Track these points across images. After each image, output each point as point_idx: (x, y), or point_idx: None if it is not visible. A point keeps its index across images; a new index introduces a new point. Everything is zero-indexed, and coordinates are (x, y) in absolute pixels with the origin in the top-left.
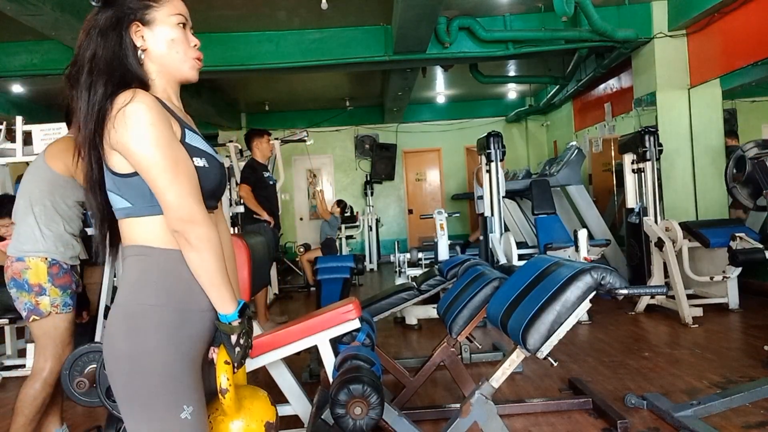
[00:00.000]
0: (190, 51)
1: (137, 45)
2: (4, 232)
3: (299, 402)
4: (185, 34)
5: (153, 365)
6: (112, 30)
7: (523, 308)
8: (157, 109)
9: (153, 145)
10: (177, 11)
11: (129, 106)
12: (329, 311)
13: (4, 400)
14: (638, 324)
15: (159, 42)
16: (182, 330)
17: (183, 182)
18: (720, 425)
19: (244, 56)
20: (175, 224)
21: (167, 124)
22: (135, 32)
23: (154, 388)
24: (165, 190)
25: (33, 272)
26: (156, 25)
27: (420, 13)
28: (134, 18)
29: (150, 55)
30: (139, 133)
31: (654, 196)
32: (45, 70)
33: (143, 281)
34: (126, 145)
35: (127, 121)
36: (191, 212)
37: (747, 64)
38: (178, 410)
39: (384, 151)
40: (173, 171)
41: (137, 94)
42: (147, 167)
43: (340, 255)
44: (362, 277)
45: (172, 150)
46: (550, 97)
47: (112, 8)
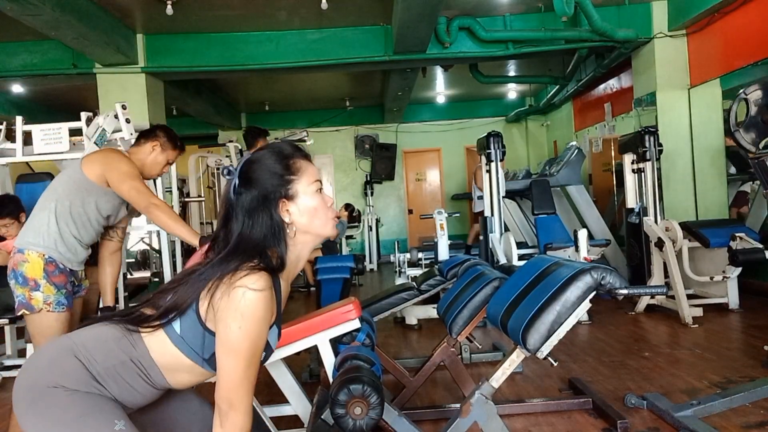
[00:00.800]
0: (330, 212)
1: (285, 221)
2: (5, 232)
3: (299, 402)
4: (323, 198)
5: (70, 396)
6: (260, 210)
7: (523, 308)
8: (269, 306)
9: (247, 337)
10: (314, 178)
11: (252, 293)
12: (329, 311)
13: (4, 400)
14: (638, 324)
15: (303, 213)
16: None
17: (250, 374)
18: (720, 425)
19: (244, 56)
20: (221, 402)
21: (268, 320)
22: (282, 210)
23: (79, 411)
24: (231, 373)
25: (30, 266)
26: (298, 197)
27: (420, 13)
28: (280, 195)
29: (294, 228)
30: (243, 323)
31: (654, 196)
32: (45, 70)
33: (104, 365)
34: (225, 320)
35: (241, 305)
36: (241, 402)
37: (747, 64)
38: (111, 424)
39: (384, 151)
40: (248, 363)
41: (264, 285)
42: (229, 350)
43: (340, 255)
44: (362, 277)
45: (258, 345)
46: (550, 97)
47: (254, 187)
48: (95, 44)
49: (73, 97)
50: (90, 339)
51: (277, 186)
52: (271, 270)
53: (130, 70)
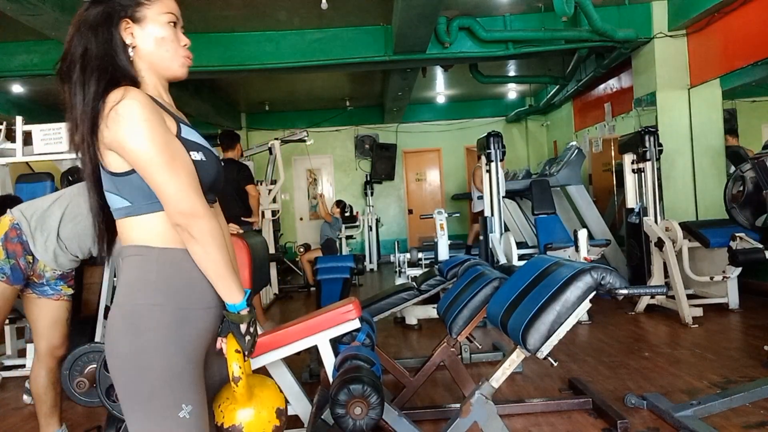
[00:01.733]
0: (180, 50)
1: (127, 42)
2: None
3: (299, 402)
4: (176, 32)
5: (153, 364)
6: (102, 26)
7: (523, 308)
8: (149, 105)
9: (148, 141)
10: (168, 10)
11: (121, 103)
12: (329, 311)
13: (4, 400)
14: (638, 324)
15: (148, 40)
16: (183, 329)
17: (182, 176)
18: (720, 425)
19: (244, 56)
20: (176, 218)
21: (161, 120)
22: (125, 29)
23: (153, 388)
24: (164, 184)
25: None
26: (146, 23)
27: (420, 13)
28: (124, 15)
29: (139, 52)
30: (134, 130)
31: (654, 196)
32: (45, 70)
33: (143, 281)
34: (121, 143)
35: (120, 119)
36: (192, 205)
37: (747, 64)
38: (177, 409)
39: (384, 151)
40: (171, 165)
41: (128, 91)
42: (144, 163)
43: (340, 255)
44: (362, 277)
45: (167, 145)
46: (550, 97)
47: (102, 4)
48: None
49: None
50: (123, 290)
51: (125, 6)
52: (124, 85)
53: None
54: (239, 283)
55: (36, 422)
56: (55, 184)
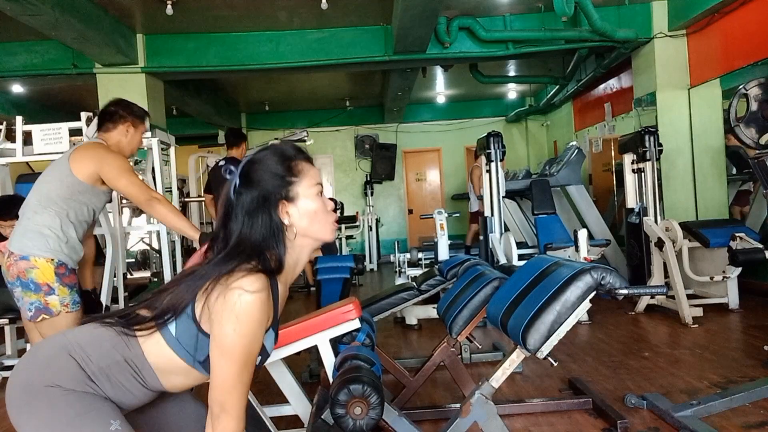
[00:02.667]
0: (330, 216)
1: (285, 223)
2: (9, 233)
3: (299, 402)
4: (324, 201)
5: (66, 396)
6: (260, 211)
7: (523, 308)
8: (266, 309)
9: (242, 340)
10: (315, 181)
11: (248, 296)
12: (329, 311)
13: (4, 400)
14: (638, 324)
15: (303, 216)
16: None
17: (244, 378)
18: (720, 425)
19: (244, 56)
20: (213, 405)
21: (264, 324)
22: (282, 211)
23: (75, 411)
24: (224, 376)
25: (39, 272)
26: (299, 200)
27: (420, 13)
28: (281, 197)
29: (294, 229)
30: (238, 325)
31: (654, 196)
32: (45, 70)
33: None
34: (220, 322)
35: (236, 307)
36: (233, 406)
37: (747, 64)
38: (107, 425)
39: (384, 151)
40: (242, 367)
41: (261, 286)
42: (223, 352)
43: (340, 255)
44: (362, 277)
45: (253, 348)
46: (550, 97)
47: (256, 188)
48: (95, 44)
49: (73, 97)
50: (85, 337)
51: (278, 187)
52: (268, 272)
53: (130, 70)
54: None
55: None
56: None
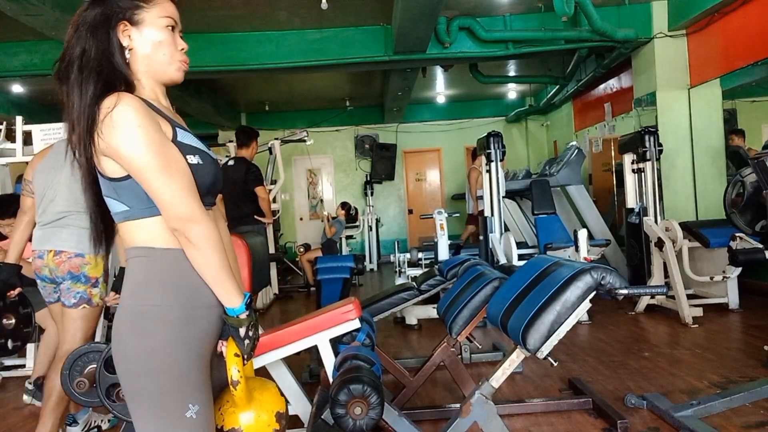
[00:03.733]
0: (177, 54)
1: (124, 44)
2: (8, 232)
3: (299, 402)
4: (173, 36)
5: (160, 364)
6: (100, 27)
7: (523, 308)
8: (143, 110)
9: (143, 146)
10: (166, 14)
11: (115, 110)
12: (329, 311)
13: (4, 400)
14: (638, 324)
15: (146, 43)
16: (189, 328)
17: (178, 181)
18: (720, 425)
19: (244, 56)
20: (174, 223)
21: (156, 125)
22: (122, 31)
23: (160, 387)
24: (160, 190)
25: (92, 267)
26: (144, 26)
27: (420, 13)
28: (123, 17)
29: (136, 55)
30: (128, 137)
31: (654, 196)
32: (45, 70)
33: (148, 282)
34: (116, 150)
35: (115, 126)
36: (189, 210)
37: (747, 64)
38: (184, 409)
39: (384, 151)
40: (166, 170)
41: (122, 97)
42: (139, 169)
43: (340, 255)
44: (362, 277)
45: (163, 150)
46: (550, 97)
47: (101, 5)
48: None
49: None
50: (128, 291)
51: (124, 8)
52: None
53: None
54: (238, 286)
55: (36, 422)
56: None
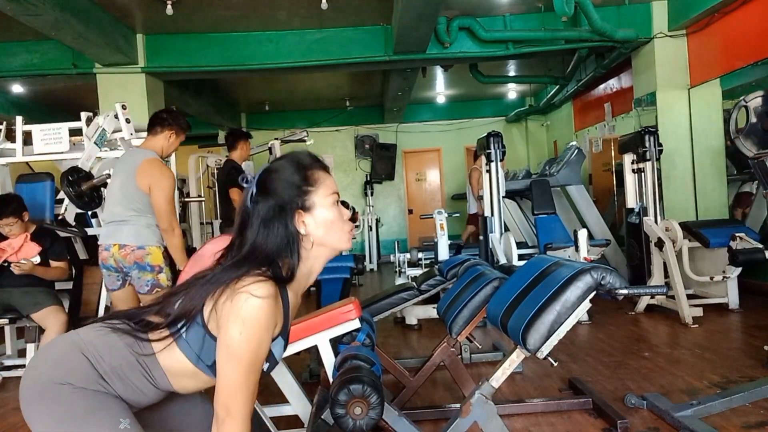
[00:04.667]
0: (346, 225)
1: (301, 233)
2: (8, 231)
3: (299, 402)
4: (339, 210)
5: (77, 392)
6: (275, 220)
7: (523, 308)
8: (273, 315)
9: (248, 344)
10: (332, 190)
11: (255, 300)
12: (329, 311)
13: (4, 399)
14: (638, 324)
15: (319, 226)
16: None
17: (249, 382)
18: (720, 425)
19: (244, 56)
20: (218, 408)
21: (271, 329)
22: (298, 221)
23: (86, 407)
24: (230, 379)
25: (153, 256)
26: (315, 209)
27: (420, 13)
28: (297, 206)
29: (310, 239)
30: (244, 328)
31: (654, 196)
32: (45, 70)
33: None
34: (227, 325)
35: (242, 311)
36: (239, 410)
37: (747, 64)
38: (116, 422)
39: (384, 151)
40: (248, 371)
41: (269, 292)
42: (229, 355)
43: (340, 255)
44: (362, 277)
45: (259, 353)
46: (550, 97)
47: (271, 197)
48: (95, 44)
49: (73, 97)
50: (98, 337)
51: (294, 197)
52: (278, 280)
53: (130, 70)
54: None
55: None
56: (55, 183)
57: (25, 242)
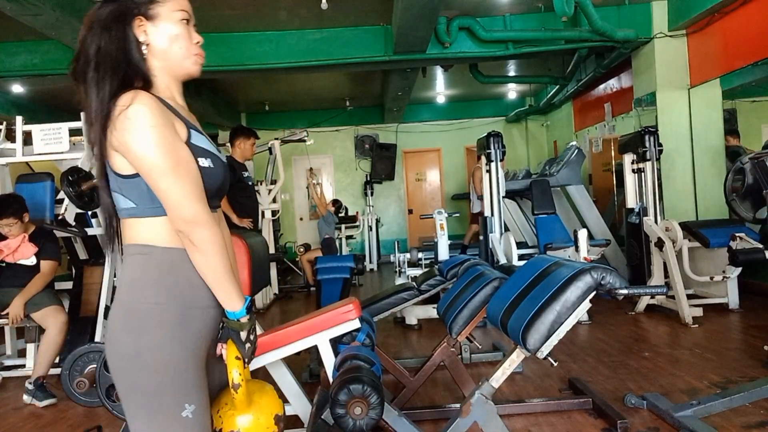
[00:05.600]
0: (193, 47)
1: (140, 40)
2: (7, 232)
3: (299, 402)
4: (188, 30)
5: (155, 363)
6: (115, 24)
7: (523, 308)
8: (159, 110)
9: (154, 147)
10: (180, 7)
11: (131, 108)
12: (329, 311)
13: (4, 400)
14: (638, 324)
15: (162, 37)
16: (185, 327)
17: (186, 183)
18: (720, 425)
19: (244, 56)
20: (178, 225)
21: (170, 126)
22: (138, 27)
23: (156, 386)
24: (168, 191)
25: None
26: (159, 21)
27: (420, 13)
28: (138, 12)
29: (152, 50)
30: (141, 136)
31: (654, 196)
32: (45, 70)
33: (144, 279)
34: (127, 147)
35: (128, 124)
36: (195, 213)
37: (747, 64)
38: (180, 408)
39: (384, 151)
40: (175, 172)
41: (138, 95)
42: (149, 169)
43: (340, 255)
44: (362, 277)
45: (174, 151)
46: (550, 97)
47: (115, 2)
48: None
49: (73, 97)
50: (125, 288)
51: (138, 4)
52: (138, 88)
53: None
54: (239, 290)
55: (36, 422)
56: (55, 184)
57: (22, 243)
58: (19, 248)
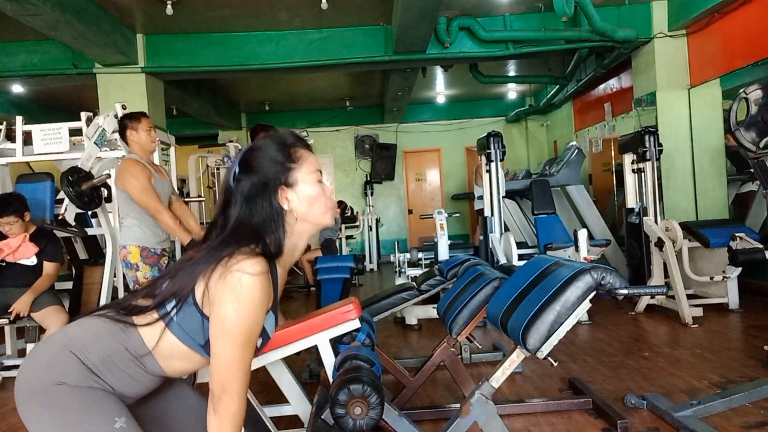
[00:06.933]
0: (329, 202)
1: (284, 208)
2: (8, 230)
3: (299, 402)
4: (323, 187)
5: (76, 392)
6: (259, 197)
7: (523, 308)
8: (266, 291)
9: (243, 321)
10: (315, 168)
11: (248, 278)
12: (329, 311)
13: (4, 400)
14: (638, 324)
15: (302, 201)
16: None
17: (245, 359)
18: (720, 425)
19: (244, 56)
20: (214, 386)
21: (265, 305)
22: (281, 196)
23: (82, 406)
24: (225, 357)
25: (132, 255)
26: (298, 185)
27: (420, 13)
28: (280, 183)
29: (294, 214)
30: (240, 307)
31: (654, 196)
32: (45, 70)
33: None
34: (221, 304)
35: (236, 289)
36: (235, 387)
37: (747, 64)
38: (112, 421)
39: (384, 151)
40: (242, 347)
41: (262, 269)
42: (224, 334)
43: (340, 255)
44: (362, 277)
45: (254, 330)
46: (550, 97)
47: (254, 174)
48: (95, 44)
49: (73, 97)
50: (83, 332)
51: (277, 173)
52: (267, 256)
53: (130, 70)
54: None
55: None
56: (55, 184)
57: (23, 242)
58: (19, 248)
